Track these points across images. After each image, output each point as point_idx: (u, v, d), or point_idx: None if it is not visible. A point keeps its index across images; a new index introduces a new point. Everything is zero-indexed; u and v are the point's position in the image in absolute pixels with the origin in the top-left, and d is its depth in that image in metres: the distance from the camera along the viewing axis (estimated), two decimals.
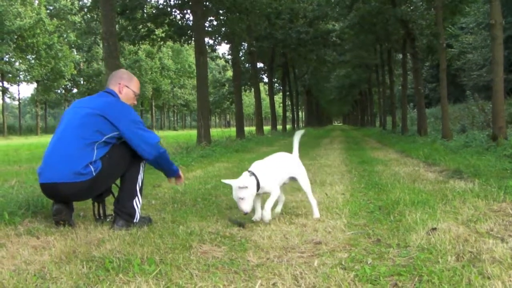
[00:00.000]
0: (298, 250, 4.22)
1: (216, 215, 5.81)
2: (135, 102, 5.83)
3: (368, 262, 3.78)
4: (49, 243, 4.61)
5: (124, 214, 5.28)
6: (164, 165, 5.74)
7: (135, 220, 5.32)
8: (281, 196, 6.02)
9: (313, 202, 5.83)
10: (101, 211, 5.71)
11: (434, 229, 4.69)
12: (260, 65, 49.04)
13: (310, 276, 3.47)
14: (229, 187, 5.29)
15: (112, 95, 5.58)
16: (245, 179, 5.26)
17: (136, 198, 5.41)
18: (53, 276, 3.59)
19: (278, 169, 5.73)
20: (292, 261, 3.89)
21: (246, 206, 5.17)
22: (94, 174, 5.12)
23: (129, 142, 5.36)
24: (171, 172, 5.88)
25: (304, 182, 5.91)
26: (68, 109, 5.63)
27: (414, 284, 3.26)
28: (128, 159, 5.44)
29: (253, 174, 5.35)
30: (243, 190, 5.17)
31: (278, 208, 5.96)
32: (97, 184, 5.25)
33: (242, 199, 5.16)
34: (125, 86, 5.72)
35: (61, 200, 5.31)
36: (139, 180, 5.52)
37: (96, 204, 5.68)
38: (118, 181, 5.61)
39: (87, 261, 3.89)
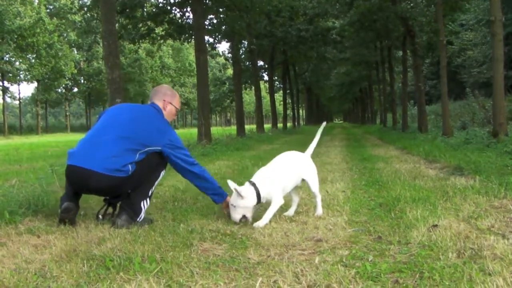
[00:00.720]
0: (299, 248, 4.22)
1: (216, 213, 5.82)
2: (175, 118, 6.13)
3: (369, 259, 3.78)
4: (49, 242, 4.61)
5: (129, 210, 5.29)
6: (207, 185, 5.84)
7: (138, 219, 5.33)
8: (294, 198, 5.94)
9: (319, 201, 5.81)
10: (109, 211, 5.73)
11: (435, 226, 4.69)
12: (260, 63, 49.09)
13: (311, 273, 3.47)
14: (228, 184, 5.29)
15: (157, 111, 5.73)
16: (245, 188, 5.28)
17: (146, 200, 5.48)
18: (53, 275, 3.59)
19: (285, 174, 5.61)
20: (293, 258, 3.89)
21: (235, 215, 5.23)
22: (129, 173, 5.22)
23: (170, 163, 5.69)
24: (217, 193, 5.87)
25: (313, 183, 5.81)
26: (115, 107, 5.86)
27: (415, 281, 3.25)
28: (160, 167, 5.61)
29: (253, 184, 5.34)
30: (238, 198, 5.20)
31: (291, 211, 5.84)
32: (126, 184, 5.32)
33: (234, 206, 5.21)
34: (169, 103, 5.88)
35: (82, 188, 5.37)
36: (155, 185, 5.63)
37: (107, 206, 5.69)
38: None
39: (87, 260, 3.88)
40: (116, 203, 5.71)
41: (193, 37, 26.75)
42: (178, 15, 27.45)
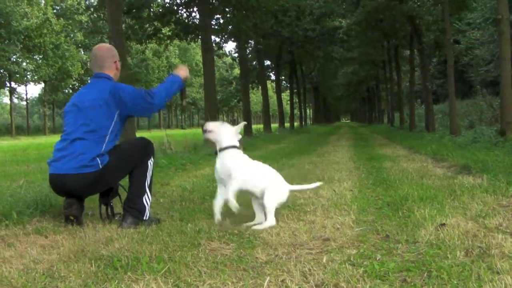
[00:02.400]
0: (307, 247, 4.22)
1: (224, 213, 5.81)
2: None
3: (377, 258, 3.77)
4: (57, 242, 4.62)
5: (133, 211, 5.30)
6: (170, 92, 5.78)
7: (144, 217, 5.33)
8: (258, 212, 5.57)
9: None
10: (109, 212, 5.73)
11: (442, 224, 4.68)
12: (267, 62, 49.12)
13: (319, 272, 3.46)
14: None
15: (109, 80, 5.65)
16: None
17: (146, 195, 5.45)
18: (61, 275, 3.59)
19: (251, 172, 5.57)
20: (300, 257, 3.89)
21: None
22: (100, 167, 5.19)
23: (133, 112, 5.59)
24: (177, 86, 5.84)
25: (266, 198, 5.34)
26: (74, 100, 5.70)
27: (423, 280, 3.24)
28: (136, 156, 5.49)
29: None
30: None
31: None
32: (105, 178, 5.31)
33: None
34: (118, 60, 5.87)
35: (65, 192, 5.38)
36: (148, 178, 5.54)
37: (103, 207, 5.70)
38: (125, 185, 5.66)
39: (95, 260, 3.89)
40: (110, 202, 5.74)
41: (199, 37, 26.81)
42: (185, 15, 27.52)
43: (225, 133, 5.50)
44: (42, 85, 78.79)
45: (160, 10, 26.63)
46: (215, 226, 5.09)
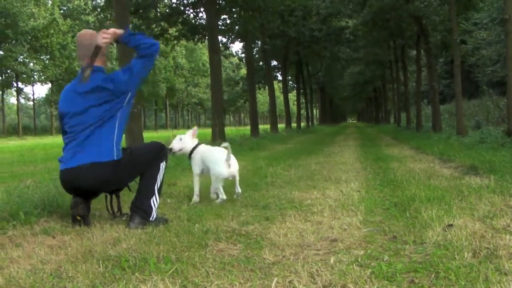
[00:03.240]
0: (314, 248, 4.22)
1: (231, 213, 5.81)
2: None
3: (385, 259, 3.77)
4: (65, 243, 4.63)
5: (140, 211, 5.29)
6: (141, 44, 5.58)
7: (151, 219, 5.32)
8: None
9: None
10: (114, 207, 5.73)
11: (450, 225, 4.67)
12: (273, 63, 49.12)
13: (326, 273, 3.47)
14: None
15: (103, 72, 5.54)
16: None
17: (154, 197, 5.45)
18: (69, 275, 3.60)
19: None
20: (308, 258, 3.89)
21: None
22: (115, 157, 5.22)
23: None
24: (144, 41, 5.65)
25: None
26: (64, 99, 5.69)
27: (431, 281, 3.24)
28: (148, 158, 5.54)
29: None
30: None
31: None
32: (116, 175, 5.31)
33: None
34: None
35: (75, 188, 5.37)
36: (158, 180, 5.57)
37: (110, 197, 5.70)
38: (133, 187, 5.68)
39: (103, 260, 3.89)
40: (118, 195, 5.76)
41: (206, 37, 26.82)
42: (192, 15, 27.55)
43: (186, 141, 7.16)
44: (49, 85, 79.11)
45: (167, 10, 26.67)
46: (222, 226, 5.10)
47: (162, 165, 5.65)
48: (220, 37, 29.16)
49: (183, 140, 7.11)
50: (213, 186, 6.94)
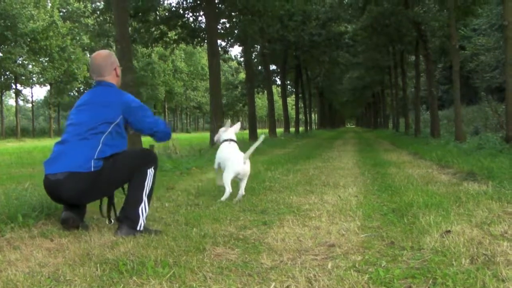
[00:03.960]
0: (312, 253, 4.22)
1: (229, 218, 5.82)
2: None
3: (382, 265, 3.77)
4: (63, 246, 4.63)
5: (127, 221, 5.15)
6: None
7: (138, 228, 5.16)
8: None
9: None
10: (109, 212, 5.69)
11: (448, 231, 4.68)
12: (272, 67, 49.16)
13: (324, 278, 3.47)
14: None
15: (110, 89, 5.60)
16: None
17: (143, 205, 5.25)
18: (67, 279, 3.60)
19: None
20: (305, 263, 3.90)
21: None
22: (92, 169, 5.11)
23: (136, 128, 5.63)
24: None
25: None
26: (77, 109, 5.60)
27: (428, 287, 3.25)
28: (133, 164, 5.37)
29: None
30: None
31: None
32: (98, 183, 5.18)
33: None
34: (117, 66, 5.79)
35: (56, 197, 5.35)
36: (147, 187, 5.36)
37: (103, 202, 5.66)
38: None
39: (101, 264, 3.90)
40: (112, 201, 5.68)
41: (205, 41, 26.84)
42: (191, 19, 27.56)
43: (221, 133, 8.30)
44: (48, 87, 79.00)
45: (167, 14, 26.66)
46: (220, 230, 5.10)
47: (150, 171, 5.42)
48: (219, 41, 29.17)
49: (221, 132, 8.21)
50: (224, 176, 7.43)
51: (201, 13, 26.41)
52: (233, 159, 7.47)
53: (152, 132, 5.57)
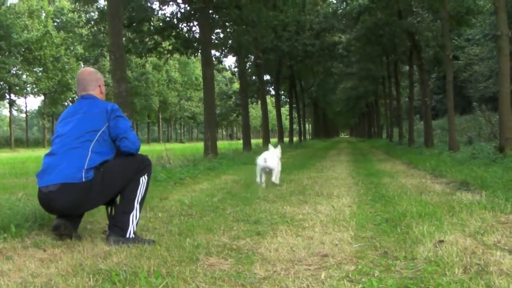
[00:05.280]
0: (305, 263, 4.22)
1: (223, 228, 5.81)
2: None
3: (375, 275, 3.78)
4: (55, 256, 4.62)
5: (116, 228, 5.15)
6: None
7: (127, 235, 5.15)
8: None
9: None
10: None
11: (441, 241, 4.68)
12: (266, 77, 49.14)
13: None
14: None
15: (94, 101, 5.61)
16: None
17: (133, 213, 5.26)
18: None
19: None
20: (299, 273, 3.89)
21: None
22: (82, 180, 5.06)
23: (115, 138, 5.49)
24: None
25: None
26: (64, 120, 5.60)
27: None
28: (135, 174, 5.37)
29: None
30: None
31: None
32: (91, 192, 5.14)
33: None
34: (102, 84, 5.83)
35: (50, 208, 5.32)
36: (139, 194, 5.36)
37: (110, 209, 5.61)
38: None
39: (93, 274, 3.89)
40: (115, 202, 5.61)
41: (199, 51, 26.85)
42: (185, 29, 27.56)
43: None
44: (42, 97, 79.02)
45: (161, 24, 26.66)
46: (213, 241, 5.09)
47: (143, 179, 5.43)
48: (213, 51, 29.19)
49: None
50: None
51: (195, 23, 26.43)
52: (258, 160, 10.62)
53: (125, 135, 5.45)
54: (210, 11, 23.51)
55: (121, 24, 17.06)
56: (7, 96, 70.63)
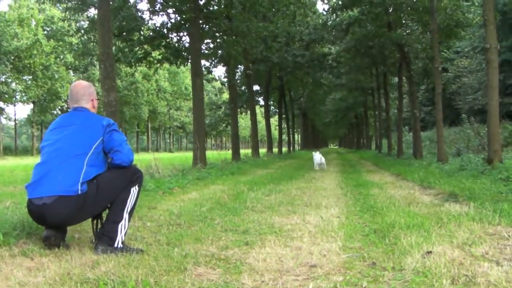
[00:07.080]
0: (293, 273, 4.22)
1: (211, 238, 5.80)
2: None
3: (363, 286, 3.78)
4: (43, 265, 4.59)
5: (105, 238, 5.14)
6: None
7: (115, 245, 5.15)
8: None
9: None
10: (96, 230, 5.64)
11: (429, 252, 4.69)
12: (256, 87, 49.16)
13: None
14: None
15: (87, 115, 5.62)
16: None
17: (123, 222, 5.26)
18: None
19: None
20: (287, 284, 3.89)
21: None
22: (79, 192, 5.04)
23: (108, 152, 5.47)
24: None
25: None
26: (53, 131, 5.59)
27: None
28: (127, 185, 5.38)
29: None
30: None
31: None
32: (85, 204, 5.12)
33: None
34: (95, 99, 5.81)
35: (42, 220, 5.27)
36: (129, 205, 5.37)
37: (96, 222, 5.60)
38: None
39: (81, 283, 3.87)
40: (101, 217, 5.59)
41: (189, 61, 26.86)
42: (175, 39, 27.61)
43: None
44: (31, 105, 78.77)
45: (151, 33, 26.65)
46: (201, 250, 5.08)
47: (133, 189, 5.44)
48: (203, 61, 29.19)
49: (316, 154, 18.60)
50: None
51: (185, 33, 26.47)
52: (315, 158, 20.16)
53: (119, 148, 5.44)
54: (200, 22, 23.53)
55: (111, 33, 17.04)
56: None
